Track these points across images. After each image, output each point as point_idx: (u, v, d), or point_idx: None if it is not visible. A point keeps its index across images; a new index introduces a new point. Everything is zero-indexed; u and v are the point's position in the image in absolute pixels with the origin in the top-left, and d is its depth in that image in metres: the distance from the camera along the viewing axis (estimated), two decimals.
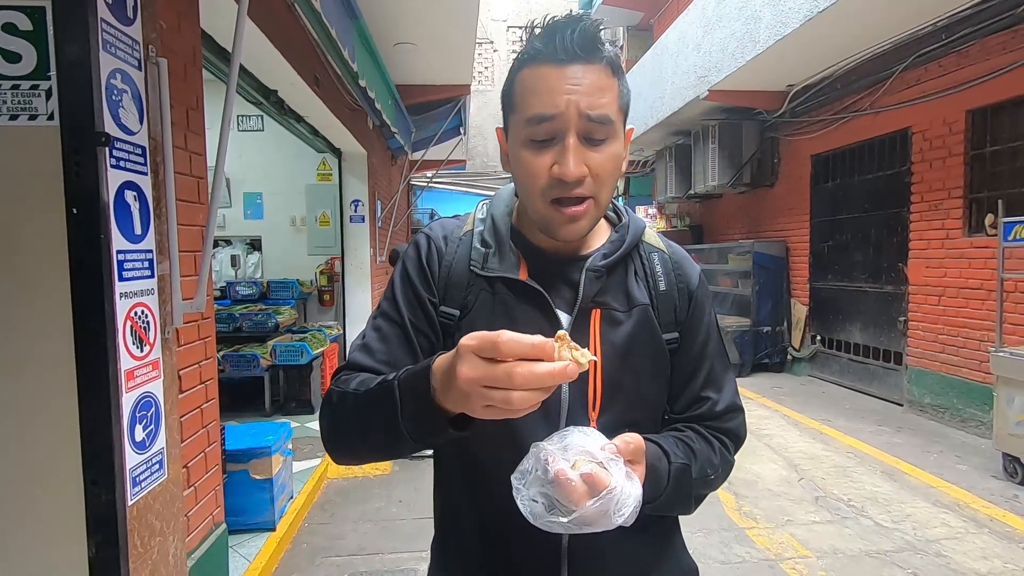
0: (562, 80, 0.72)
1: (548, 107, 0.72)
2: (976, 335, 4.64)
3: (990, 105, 4.52)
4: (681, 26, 7.49)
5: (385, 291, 0.87)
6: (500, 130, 0.84)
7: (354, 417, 0.75)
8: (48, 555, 1.51)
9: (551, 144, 0.74)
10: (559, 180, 0.74)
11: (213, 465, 2.36)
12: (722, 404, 0.87)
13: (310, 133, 5.06)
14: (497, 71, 12.58)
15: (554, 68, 0.73)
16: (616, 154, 0.77)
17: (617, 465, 0.65)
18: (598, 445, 0.66)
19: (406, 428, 0.67)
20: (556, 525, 0.63)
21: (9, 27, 1.42)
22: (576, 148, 0.73)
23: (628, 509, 0.63)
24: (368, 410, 0.73)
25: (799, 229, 7.01)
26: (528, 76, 0.75)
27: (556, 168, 0.73)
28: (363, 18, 3.61)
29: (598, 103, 0.73)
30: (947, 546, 2.90)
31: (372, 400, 0.72)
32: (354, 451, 0.79)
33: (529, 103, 0.74)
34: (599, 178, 0.75)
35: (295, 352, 5.01)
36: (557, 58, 0.73)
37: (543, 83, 0.73)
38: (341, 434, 0.78)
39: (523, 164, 0.76)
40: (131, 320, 1.59)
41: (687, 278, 0.88)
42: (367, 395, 0.73)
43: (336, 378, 0.80)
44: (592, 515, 0.62)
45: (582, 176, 0.74)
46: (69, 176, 1.36)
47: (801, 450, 4.38)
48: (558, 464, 0.63)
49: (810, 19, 4.64)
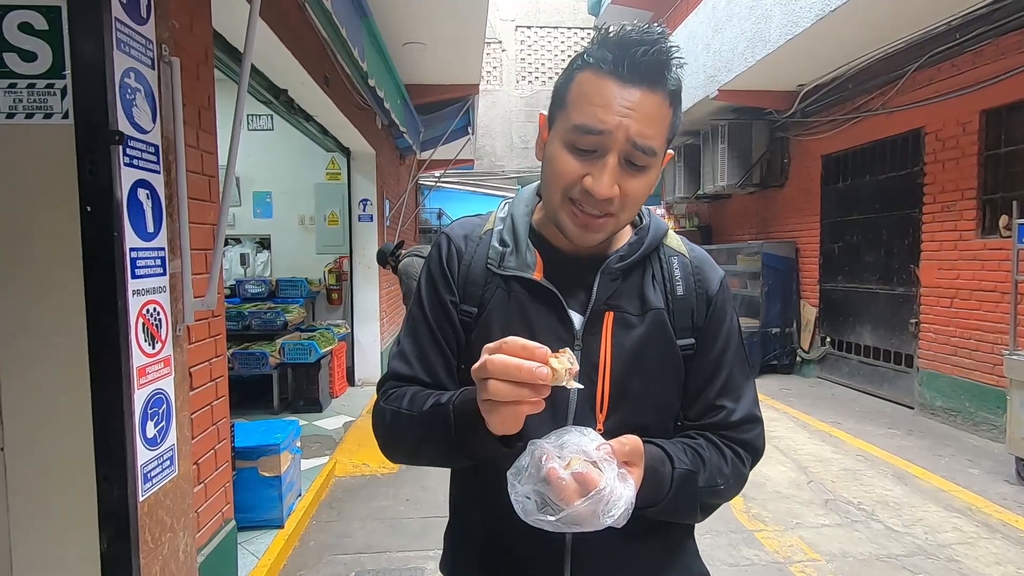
0: (620, 99, 0.71)
1: (598, 122, 0.72)
2: (989, 338, 4.59)
3: (1005, 105, 4.46)
4: (691, 26, 7.45)
5: (413, 296, 0.89)
6: (544, 116, 0.82)
7: (408, 435, 0.81)
8: (60, 550, 1.53)
9: (591, 156, 0.74)
10: (588, 192, 0.73)
11: (223, 462, 2.37)
12: (739, 414, 0.85)
13: (319, 132, 5.08)
14: (506, 71, 12.57)
15: (615, 84, 0.72)
16: (651, 182, 0.77)
17: (610, 466, 0.66)
18: (593, 445, 0.67)
19: (461, 449, 0.73)
20: (544, 523, 0.64)
21: (25, 26, 1.43)
22: (614, 169, 0.73)
23: (618, 511, 0.64)
24: (423, 430, 0.78)
25: (809, 230, 6.96)
26: (588, 82, 0.74)
27: (589, 180, 0.73)
28: (373, 17, 3.62)
29: (648, 133, 0.72)
30: (959, 551, 2.87)
31: (426, 422, 0.77)
32: (409, 461, 0.86)
33: (581, 109, 0.73)
34: (627, 200, 0.76)
35: (303, 350, 5.03)
36: (621, 76, 0.72)
37: (600, 96, 0.72)
38: (397, 448, 0.84)
39: (557, 162, 0.76)
40: (143, 317, 1.60)
41: (707, 283, 0.87)
42: (420, 418, 0.78)
43: (383, 391, 0.86)
44: (580, 515, 0.63)
45: (613, 196, 0.74)
46: (83, 174, 1.37)
47: (810, 452, 4.34)
48: (551, 463, 0.64)
49: (821, 18, 4.60)
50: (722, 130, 7.32)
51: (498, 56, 12.48)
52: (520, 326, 0.80)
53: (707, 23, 6.93)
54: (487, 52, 11.48)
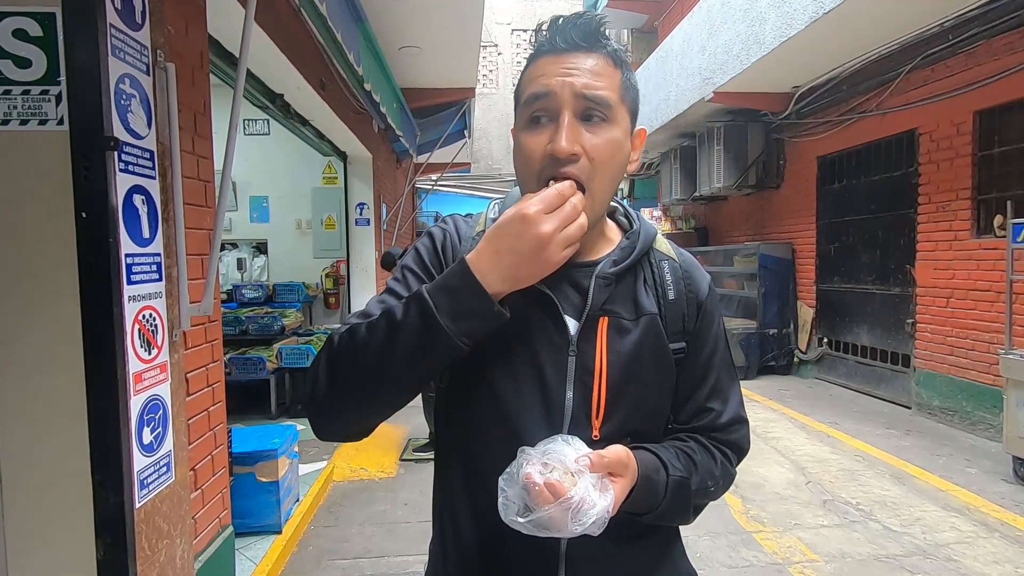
0: (559, 65, 0.74)
1: (542, 86, 0.74)
2: (985, 337, 4.61)
3: (998, 106, 4.48)
4: (686, 28, 7.48)
5: (394, 273, 0.85)
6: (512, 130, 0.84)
7: (367, 347, 0.70)
8: (56, 557, 1.52)
9: (548, 124, 0.75)
10: (552, 157, 0.73)
11: (220, 468, 2.36)
12: (727, 416, 0.86)
13: (316, 137, 5.09)
14: (502, 74, 12.60)
15: (552, 56, 0.75)
16: (614, 140, 0.76)
17: (584, 476, 0.68)
18: (573, 456, 0.69)
19: (446, 325, 0.66)
20: (515, 523, 0.67)
21: (19, 33, 1.43)
22: (571, 124, 0.73)
23: (589, 519, 0.66)
24: (389, 331, 0.69)
25: (805, 231, 6.98)
26: (530, 69, 0.78)
27: (550, 146, 0.74)
28: (368, 22, 3.63)
29: (594, 84, 0.74)
30: (957, 550, 2.88)
31: (393, 318, 0.69)
32: (359, 398, 0.72)
33: (527, 89, 0.77)
34: (594, 162, 0.74)
35: (301, 355, 5.02)
36: (556, 47, 0.75)
37: (541, 69, 0.76)
38: (344, 376, 0.72)
39: (521, 148, 0.78)
40: (139, 323, 1.59)
41: (697, 287, 0.87)
42: (386, 316, 0.70)
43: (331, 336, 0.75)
44: (549, 519, 0.66)
45: (574, 152, 0.73)
46: (78, 180, 1.37)
47: (808, 453, 4.35)
48: (529, 468, 0.67)
49: (815, 20, 4.62)
50: (718, 132, 7.34)
51: (494, 60, 12.51)
52: (514, 331, 0.80)
53: (702, 25, 6.95)
54: (483, 56, 11.50)
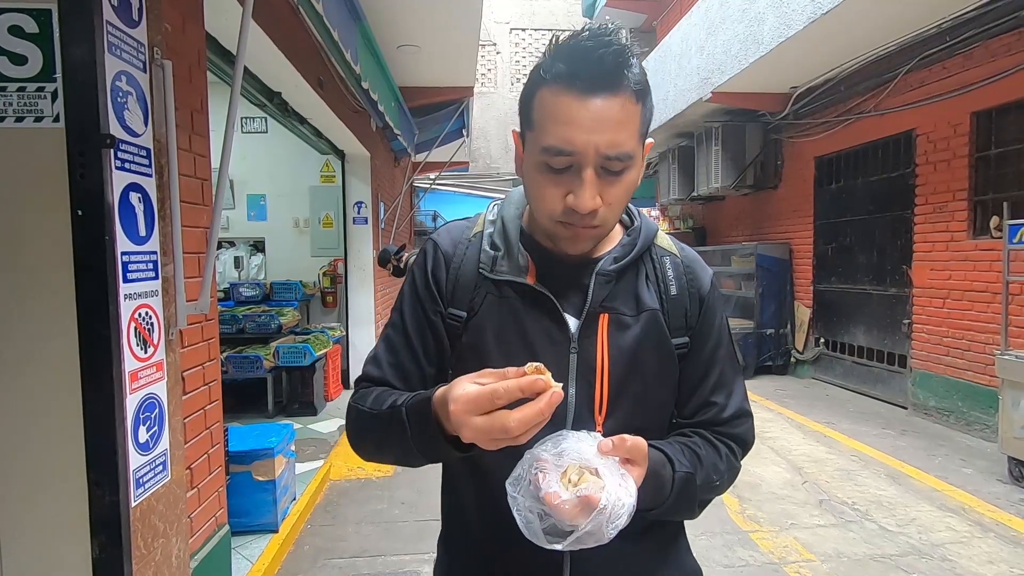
0: (583, 113, 0.69)
1: (566, 143, 0.70)
2: (981, 338, 4.62)
3: (995, 107, 4.50)
4: (684, 28, 7.48)
5: (396, 300, 0.90)
6: (516, 133, 0.82)
7: (370, 434, 0.82)
8: (52, 556, 1.51)
9: (567, 172, 0.73)
10: (572, 210, 0.73)
11: (216, 467, 2.36)
12: (731, 409, 0.86)
13: (313, 135, 5.07)
14: (500, 73, 12.59)
15: (575, 99, 0.69)
16: (633, 181, 0.76)
17: (611, 470, 0.66)
18: (592, 450, 0.67)
19: (417, 449, 0.74)
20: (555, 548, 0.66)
21: (15, 29, 1.42)
22: (592, 182, 0.72)
23: (622, 520, 0.64)
24: (382, 430, 0.79)
25: (803, 231, 6.99)
26: (548, 101, 0.72)
27: (571, 198, 0.73)
28: (366, 20, 3.62)
29: (618, 140, 0.70)
30: (952, 550, 2.89)
31: (383, 422, 0.78)
32: (377, 459, 0.86)
33: (547, 130, 0.72)
34: (611, 206, 0.75)
35: (298, 353, 5.01)
36: (579, 88, 0.69)
37: (563, 113, 0.70)
38: (362, 445, 0.85)
39: (537, 187, 0.76)
40: (135, 321, 1.59)
41: (699, 282, 0.87)
42: (379, 417, 0.79)
43: (355, 392, 0.87)
44: (586, 536, 0.64)
45: (596, 208, 0.73)
46: (74, 178, 1.36)
47: (805, 453, 4.36)
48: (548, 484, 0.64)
49: (814, 21, 4.63)
50: (716, 132, 7.35)
51: (493, 59, 12.50)
52: (514, 331, 0.80)
53: (700, 25, 6.96)
54: (482, 55, 11.50)
